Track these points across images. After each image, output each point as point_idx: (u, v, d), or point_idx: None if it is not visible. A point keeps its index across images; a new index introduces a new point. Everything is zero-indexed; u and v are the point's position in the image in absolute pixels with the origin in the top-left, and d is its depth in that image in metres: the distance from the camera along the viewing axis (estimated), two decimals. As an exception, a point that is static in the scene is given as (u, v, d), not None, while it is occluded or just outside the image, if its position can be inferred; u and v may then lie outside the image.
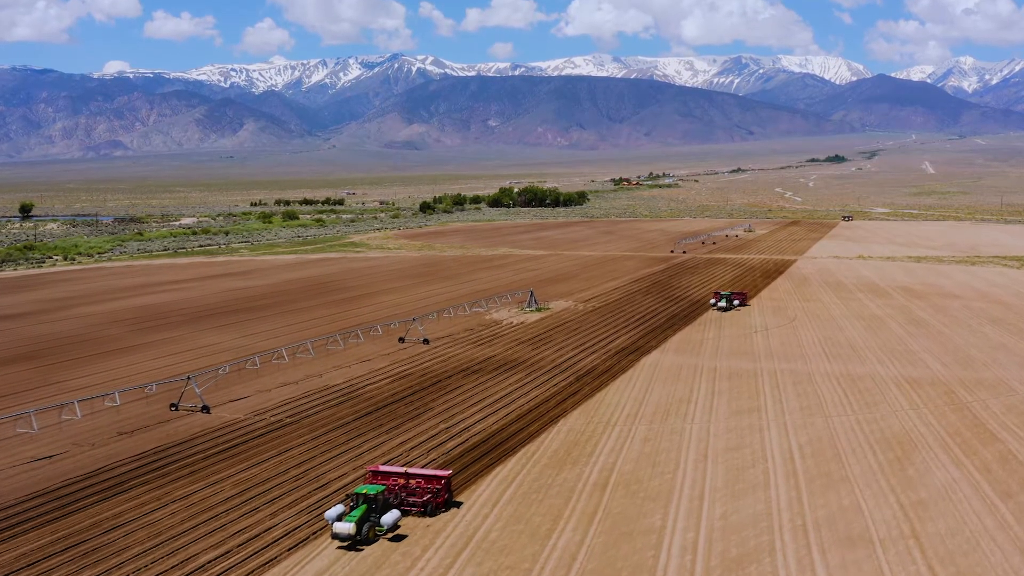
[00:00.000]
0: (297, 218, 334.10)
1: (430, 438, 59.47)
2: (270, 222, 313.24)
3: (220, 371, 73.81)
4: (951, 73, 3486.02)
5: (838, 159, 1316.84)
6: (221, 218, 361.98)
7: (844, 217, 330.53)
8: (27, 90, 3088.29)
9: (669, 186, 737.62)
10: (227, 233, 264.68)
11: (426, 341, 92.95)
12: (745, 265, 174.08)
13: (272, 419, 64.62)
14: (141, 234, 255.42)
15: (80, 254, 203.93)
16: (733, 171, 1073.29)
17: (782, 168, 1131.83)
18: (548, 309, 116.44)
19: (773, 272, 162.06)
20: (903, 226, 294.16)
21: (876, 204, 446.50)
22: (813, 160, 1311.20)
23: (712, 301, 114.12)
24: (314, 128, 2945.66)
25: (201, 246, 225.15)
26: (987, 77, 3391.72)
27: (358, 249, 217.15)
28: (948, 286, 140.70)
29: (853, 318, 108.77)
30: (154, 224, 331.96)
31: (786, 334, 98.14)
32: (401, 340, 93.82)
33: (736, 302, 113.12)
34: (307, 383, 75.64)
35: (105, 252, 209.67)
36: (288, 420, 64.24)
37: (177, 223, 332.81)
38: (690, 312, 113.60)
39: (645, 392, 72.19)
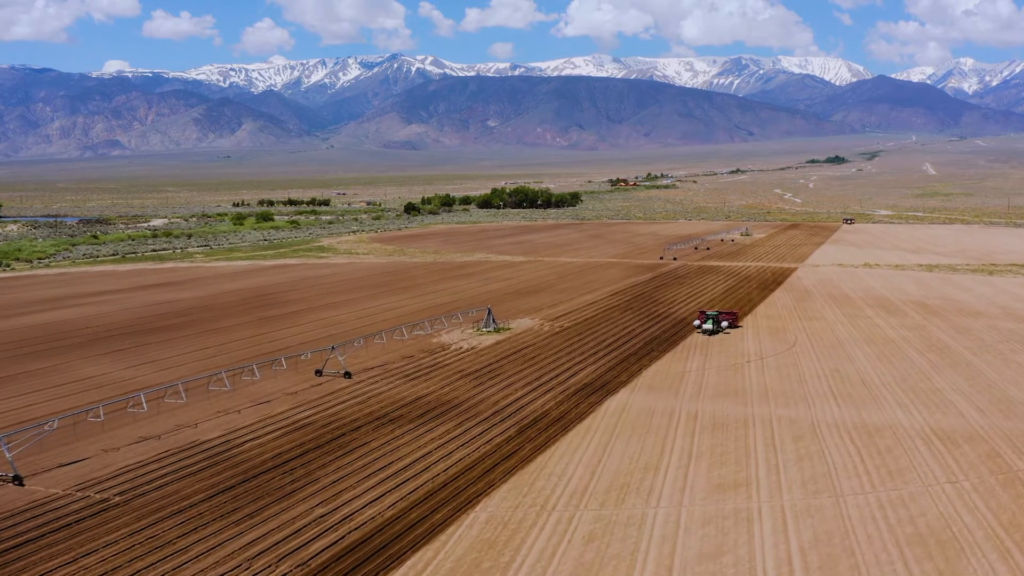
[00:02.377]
0: (272, 219, 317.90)
1: (293, 534, 43.25)
2: (241, 224, 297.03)
3: (47, 426, 57.50)
4: (951, 74, 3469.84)
5: (838, 160, 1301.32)
6: (194, 219, 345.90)
7: (845, 220, 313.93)
8: (25, 89, 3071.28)
9: (666, 187, 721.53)
10: (190, 236, 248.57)
11: (348, 375, 76.75)
12: (740, 274, 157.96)
13: (97, 496, 48.49)
14: (96, 237, 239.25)
15: (19, 259, 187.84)
16: (732, 172, 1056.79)
17: (782, 169, 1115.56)
18: (508, 330, 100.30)
19: (771, 283, 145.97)
20: (909, 230, 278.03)
21: (879, 206, 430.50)
22: (813, 161, 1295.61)
23: (696, 323, 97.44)
24: (313, 128, 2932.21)
25: (155, 250, 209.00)
26: (987, 78, 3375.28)
27: (323, 254, 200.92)
28: (967, 301, 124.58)
29: (863, 342, 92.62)
30: (121, 225, 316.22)
31: (785, 364, 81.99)
32: (318, 373, 77.60)
33: (725, 324, 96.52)
34: (173, 437, 59.47)
35: (47, 257, 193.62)
36: (117, 499, 48.10)
37: (145, 224, 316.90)
38: (673, 334, 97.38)
39: (602, 453, 56.02)
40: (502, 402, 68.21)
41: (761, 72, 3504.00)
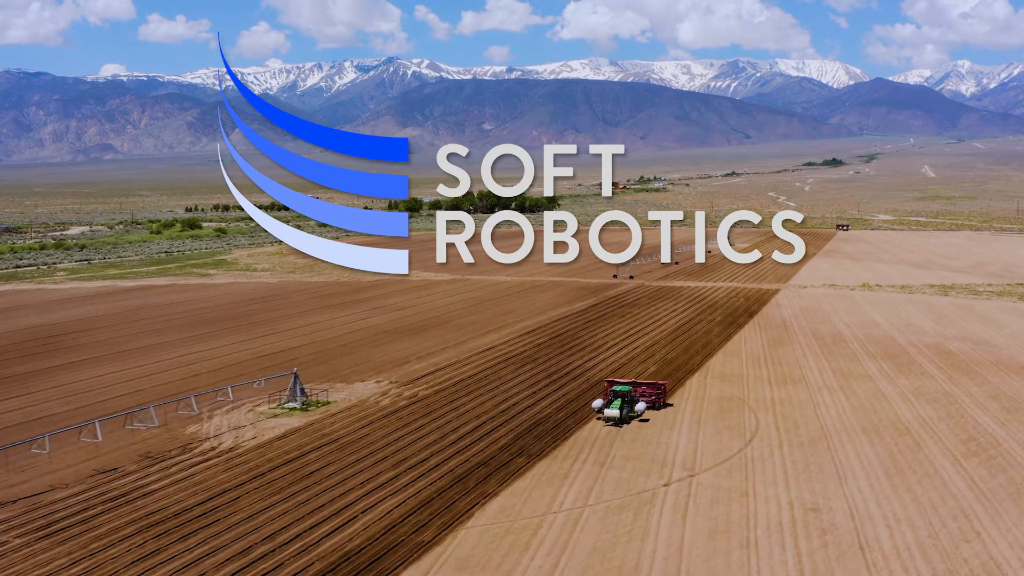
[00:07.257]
0: (199, 227, 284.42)
1: None
2: (160, 233, 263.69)
3: None
4: (948, 76, 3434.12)
5: (836, 162, 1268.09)
6: (120, 226, 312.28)
7: (840, 226, 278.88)
8: (19, 93, 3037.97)
9: (657, 190, 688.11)
10: (83, 247, 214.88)
11: (-72, 529, 42.97)
12: (705, 300, 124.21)
13: None
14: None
15: None
16: (727, 174, 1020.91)
17: (778, 172, 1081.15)
18: (324, 405, 66.52)
19: (741, 313, 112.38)
20: (913, 238, 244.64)
21: (877, 210, 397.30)
22: (810, 164, 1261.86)
23: (596, 404, 62.52)
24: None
25: (18, 267, 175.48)
26: (985, 81, 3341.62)
27: (210, 271, 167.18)
28: (1003, 345, 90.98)
29: (862, 434, 58.87)
30: (33, 234, 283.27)
31: (727, 493, 48.16)
32: None
33: (641, 406, 61.84)
34: None
35: None
36: None
37: (60, 233, 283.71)
38: (568, 415, 63.55)
39: None
40: (140, 618, 34.38)
41: (758, 75, 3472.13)
